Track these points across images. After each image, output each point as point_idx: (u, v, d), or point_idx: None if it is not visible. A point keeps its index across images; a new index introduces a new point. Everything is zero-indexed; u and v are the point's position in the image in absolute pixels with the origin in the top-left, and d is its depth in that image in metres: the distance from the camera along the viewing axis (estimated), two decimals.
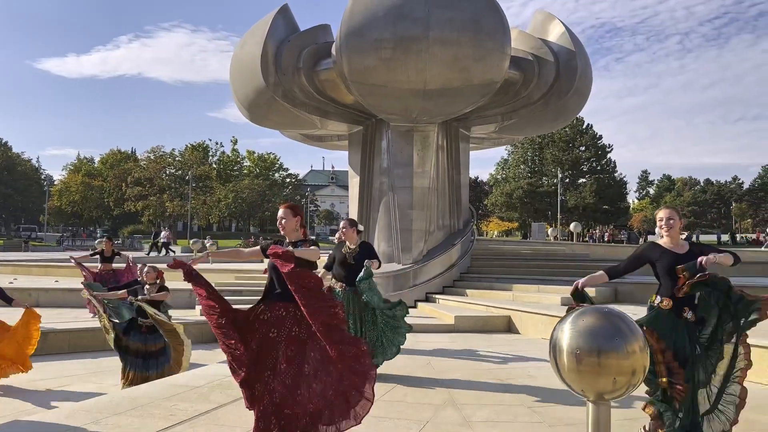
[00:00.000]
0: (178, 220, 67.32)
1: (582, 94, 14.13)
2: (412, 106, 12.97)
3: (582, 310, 3.03)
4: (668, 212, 4.58)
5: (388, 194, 14.46)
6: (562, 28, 14.00)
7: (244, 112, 14.71)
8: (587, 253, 19.02)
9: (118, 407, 5.16)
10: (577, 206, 57.90)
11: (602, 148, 60.53)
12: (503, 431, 4.70)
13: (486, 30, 11.98)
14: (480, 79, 12.23)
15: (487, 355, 8.17)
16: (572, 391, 2.89)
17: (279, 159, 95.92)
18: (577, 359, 2.80)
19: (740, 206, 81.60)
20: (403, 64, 11.92)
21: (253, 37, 13.60)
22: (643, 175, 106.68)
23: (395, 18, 11.79)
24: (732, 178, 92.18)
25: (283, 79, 13.28)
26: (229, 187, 74.10)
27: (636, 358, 2.76)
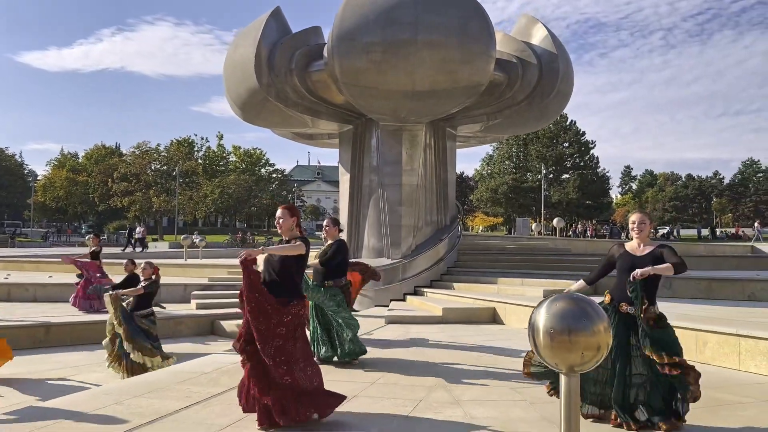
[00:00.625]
0: (164, 215, 67.24)
1: (564, 95, 14.71)
2: (401, 106, 13.46)
3: (555, 296, 3.54)
4: (640, 216, 5.09)
5: (377, 191, 14.95)
6: (544, 32, 14.56)
7: (236, 111, 15.11)
8: (569, 248, 19.68)
9: (137, 390, 5.62)
10: (561, 201, 58.83)
11: (585, 144, 61.49)
12: (489, 408, 5.22)
13: (472, 34, 12.49)
14: (466, 81, 12.75)
15: (474, 344, 8.70)
16: (547, 364, 3.41)
17: (265, 154, 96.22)
18: (551, 337, 3.32)
19: (720, 201, 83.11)
20: (393, 66, 12.40)
21: (246, 39, 13.99)
22: (626, 170, 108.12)
23: (385, 22, 12.26)
24: (713, 174, 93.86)
25: (276, 80, 13.70)
26: (215, 182, 74.23)
27: (601, 336, 3.28)
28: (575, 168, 61.84)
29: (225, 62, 14.84)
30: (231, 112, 15.40)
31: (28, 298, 15.13)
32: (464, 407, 5.23)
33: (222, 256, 27.39)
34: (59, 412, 4.82)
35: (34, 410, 5.12)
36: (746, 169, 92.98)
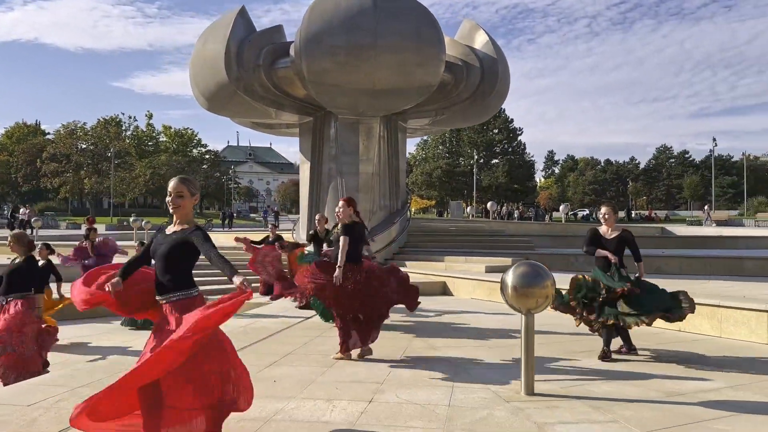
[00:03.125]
0: (97, 196, 65.77)
1: (502, 94, 16.58)
2: (360, 103, 14.93)
3: (519, 263, 5.23)
4: (606, 209, 6.80)
5: (336, 178, 16.39)
6: (485, 37, 16.34)
7: (202, 101, 16.12)
8: (503, 230, 21.85)
9: None
10: (491, 185, 61.91)
11: (513, 131, 64.75)
12: (458, 351, 6.89)
13: (426, 40, 14.08)
14: (420, 82, 14.36)
15: (434, 309, 10.40)
16: (513, 309, 5.11)
17: (197, 134, 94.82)
18: (516, 290, 5.00)
19: (636, 185, 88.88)
20: (355, 67, 13.84)
21: (216, 35, 15.03)
22: (549, 154, 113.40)
23: (348, 28, 13.66)
24: (630, 159, 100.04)
25: (244, 75, 14.85)
26: (146, 162, 72.97)
27: (549, 289, 5.00)
28: (504, 153, 65.05)
29: (193, 57, 15.80)
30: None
31: None
32: (441, 351, 6.89)
33: None
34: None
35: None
36: (660, 155, 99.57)
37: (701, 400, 4.88)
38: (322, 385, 5.33)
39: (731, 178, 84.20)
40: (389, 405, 4.74)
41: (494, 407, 4.67)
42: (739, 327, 7.56)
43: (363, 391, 5.12)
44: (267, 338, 7.68)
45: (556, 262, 14.84)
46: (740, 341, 7.44)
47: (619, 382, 5.44)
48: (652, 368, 6.03)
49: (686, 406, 4.72)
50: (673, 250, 16.97)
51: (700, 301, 8.10)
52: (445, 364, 6.21)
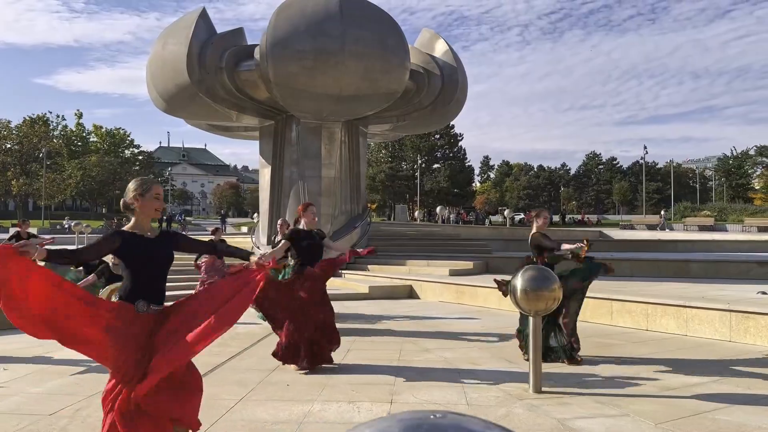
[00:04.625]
0: (26, 198, 62.50)
1: (461, 101, 17.02)
2: (325, 108, 14.99)
3: (525, 268, 5.51)
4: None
5: (297, 183, 16.36)
6: (445, 46, 16.74)
7: (160, 103, 15.77)
8: (458, 233, 22.36)
9: None
10: (433, 189, 62.85)
11: (454, 136, 65.94)
12: (453, 353, 7.11)
13: (390, 47, 14.31)
14: (385, 89, 14.57)
15: (406, 314, 10.61)
16: (522, 311, 5.38)
17: (129, 135, 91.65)
18: (526, 294, 5.28)
19: (567, 190, 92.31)
20: (322, 73, 13.90)
21: (177, 37, 14.75)
22: (485, 160, 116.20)
23: (315, 33, 13.72)
24: (561, 165, 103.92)
25: (206, 77, 14.65)
26: (75, 164, 69.88)
27: (557, 292, 5.30)
28: (445, 159, 66.20)
29: (151, 58, 15.43)
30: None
31: None
32: (435, 353, 7.10)
33: None
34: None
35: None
36: (589, 161, 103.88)
37: (694, 393, 5.28)
38: (335, 388, 5.44)
39: (656, 183, 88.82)
40: (411, 405, 4.90)
41: (511, 405, 4.92)
42: (703, 325, 8.13)
43: (379, 393, 5.26)
44: (258, 343, 7.68)
45: (514, 265, 15.32)
46: (705, 339, 8.00)
47: (614, 380, 5.81)
48: (637, 366, 6.44)
49: (683, 399, 5.11)
50: (619, 252, 17.84)
51: (668, 301, 8.71)
52: (445, 365, 6.42)
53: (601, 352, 7.17)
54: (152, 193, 3.49)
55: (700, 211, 52.34)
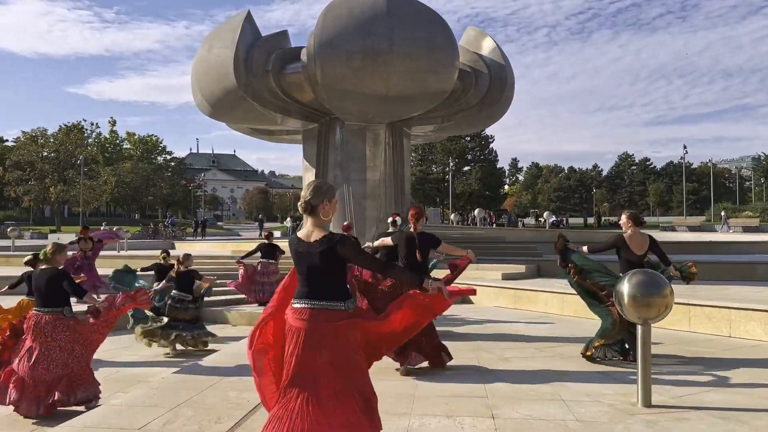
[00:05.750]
0: (62, 205, 63.61)
1: (509, 99, 16.63)
2: (371, 109, 14.74)
3: (632, 272, 5.11)
4: (624, 217, 6.83)
5: (342, 186, 16.11)
6: (493, 44, 16.36)
7: (205, 108, 15.68)
8: (503, 236, 21.91)
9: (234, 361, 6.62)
10: (464, 192, 62.31)
11: (485, 138, 65.31)
12: (534, 362, 6.74)
13: (439, 46, 14.00)
14: (433, 88, 14.26)
15: (467, 319, 10.26)
16: (630, 319, 4.99)
17: (162, 141, 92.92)
18: (635, 300, 4.88)
19: (601, 192, 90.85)
20: (370, 73, 13.65)
21: (222, 40, 14.64)
22: (513, 162, 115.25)
23: (364, 33, 13.47)
24: (593, 166, 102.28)
25: (253, 80, 14.50)
26: (109, 170, 70.91)
27: (669, 298, 4.89)
28: (476, 161, 65.58)
29: (196, 62, 15.35)
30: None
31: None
32: (515, 363, 6.72)
33: (145, 248, 27.16)
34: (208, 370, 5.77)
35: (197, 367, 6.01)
36: (621, 162, 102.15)
37: None
38: (427, 401, 5.12)
39: (692, 184, 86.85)
40: (516, 421, 4.56)
41: (624, 420, 4.54)
42: None
43: (476, 407, 4.93)
44: None
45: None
46: None
47: (723, 390, 5.38)
48: (738, 375, 5.99)
49: None
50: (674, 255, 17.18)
51: (754, 306, 8.21)
52: (531, 375, 6.06)
53: (692, 360, 6.73)
54: (336, 198, 3.43)
55: (741, 212, 50.95)
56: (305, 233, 3.32)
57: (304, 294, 3.22)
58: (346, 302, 3.25)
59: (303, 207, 3.31)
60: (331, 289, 3.24)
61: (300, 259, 3.27)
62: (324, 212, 3.31)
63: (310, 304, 3.19)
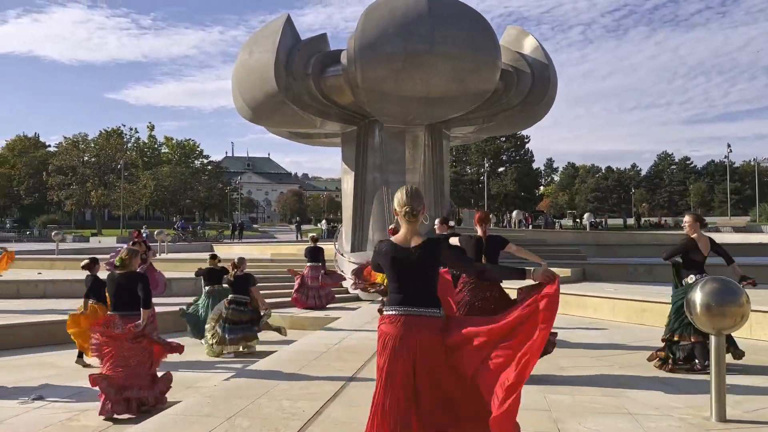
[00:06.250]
0: (103, 208, 65.18)
1: (552, 99, 16.28)
2: (412, 110, 14.59)
3: (706, 280, 4.85)
4: (689, 219, 6.55)
5: (380, 188, 16.00)
6: (535, 43, 16.05)
7: (246, 112, 15.74)
8: (544, 238, 21.50)
9: (301, 360, 6.55)
10: (499, 193, 61.64)
11: (521, 138, 64.56)
12: (593, 371, 6.50)
13: (481, 46, 13.77)
14: (475, 89, 14.04)
15: None
16: (703, 329, 4.74)
17: (199, 145, 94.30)
18: (709, 310, 4.63)
19: (640, 192, 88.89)
20: (410, 75, 13.50)
21: (263, 45, 14.67)
22: (548, 162, 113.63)
23: (405, 34, 13.33)
24: (631, 166, 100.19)
25: (293, 84, 14.50)
26: (148, 174, 72.32)
27: (745, 307, 4.62)
28: (511, 162, 64.84)
29: (237, 67, 15.42)
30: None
31: (38, 294, 15.19)
32: (570, 371, 6.49)
33: (184, 250, 27.50)
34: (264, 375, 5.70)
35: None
36: (661, 162, 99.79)
37: None
38: None
39: (734, 183, 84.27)
40: None
41: None
42: None
43: (540, 420, 4.75)
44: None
45: (615, 272, 14.49)
46: None
47: None
48: None
49: None
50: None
51: None
52: (593, 386, 5.82)
53: (757, 370, 6.41)
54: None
55: None
56: (402, 239, 3.27)
57: (400, 300, 3.14)
58: (441, 309, 3.18)
59: (408, 213, 3.25)
60: (429, 295, 3.17)
61: (397, 265, 3.19)
62: (423, 217, 3.30)
63: (408, 311, 3.10)
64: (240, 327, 8.85)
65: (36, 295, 15.10)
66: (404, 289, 3.16)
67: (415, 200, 3.29)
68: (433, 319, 3.11)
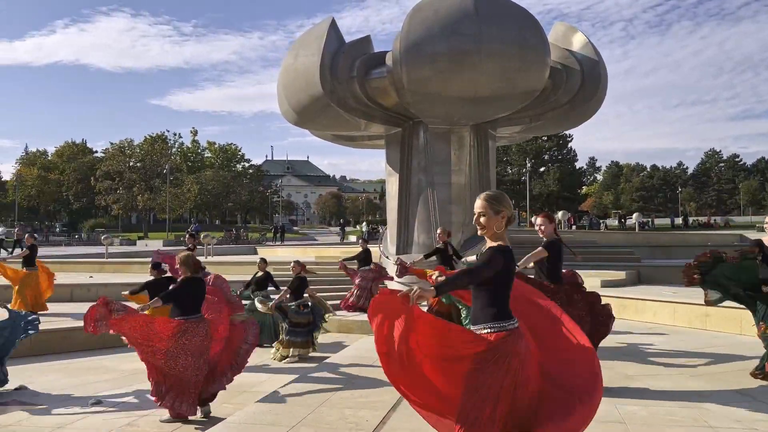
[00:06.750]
0: (149, 212, 66.83)
1: (602, 97, 15.85)
2: (457, 111, 14.39)
3: None
4: None
5: (425, 190, 15.81)
6: (584, 39, 15.66)
7: (291, 116, 15.77)
8: (594, 240, 21.01)
9: (356, 367, 6.46)
10: (542, 194, 60.72)
11: (563, 137, 63.47)
12: (662, 381, 6.20)
13: (530, 44, 13.48)
14: (523, 88, 13.75)
15: None
16: None
17: (240, 149, 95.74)
18: None
19: (687, 191, 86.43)
20: (457, 75, 13.30)
21: (308, 48, 14.66)
22: (591, 161, 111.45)
23: (450, 34, 13.14)
24: (677, 164, 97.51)
25: (338, 87, 14.45)
26: (192, 178, 73.85)
27: None
28: (553, 161, 63.82)
29: (283, 70, 15.47)
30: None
31: (91, 298, 15.52)
32: (641, 381, 6.21)
33: (230, 253, 27.81)
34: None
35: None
36: (708, 159, 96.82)
37: None
38: None
39: None
40: None
41: None
42: None
43: None
44: None
45: (670, 275, 13.96)
46: None
47: None
48: None
49: None
50: None
51: None
52: (666, 397, 5.54)
53: None
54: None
55: None
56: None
57: (511, 312, 3.12)
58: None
59: (510, 219, 3.22)
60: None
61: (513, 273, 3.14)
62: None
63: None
64: (301, 331, 8.86)
65: (89, 298, 15.42)
66: (508, 299, 3.08)
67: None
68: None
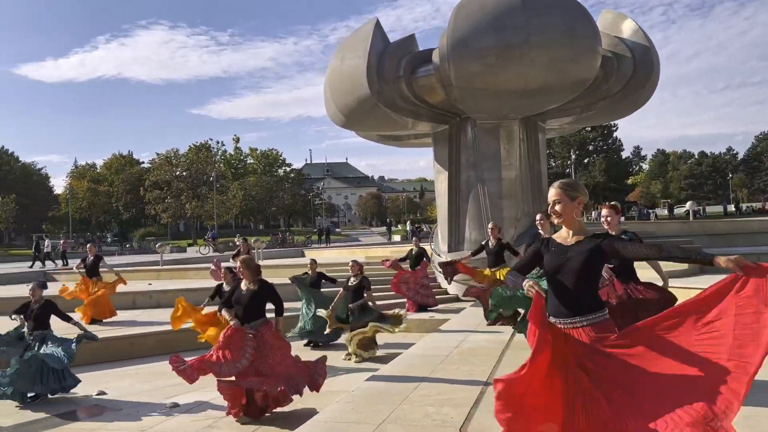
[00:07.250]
0: (197, 220, 68.42)
1: (655, 83, 15.46)
2: (506, 105, 14.26)
3: None
4: None
5: (475, 186, 15.71)
6: (634, 26, 15.31)
7: (338, 118, 15.88)
8: (653, 231, 20.58)
9: (427, 364, 6.47)
10: (588, 185, 59.53)
11: (608, 127, 62.16)
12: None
13: (579, 34, 13.25)
14: (575, 78, 13.54)
15: None
16: None
17: (281, 154, 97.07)
18: None
19: (739, 177, 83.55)
20: (505, 68, 13.18)
21: (354, 50, 14.74)
22: (635, 150, 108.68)
23: (497, 27, 13.03)
24: (726, 149, 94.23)
25: (385, 87, 14.48)
26: (235, 184, 75.21)
27: None
28: (598, 152, 62.58)
29: (330, 74, 15.59)
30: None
31: (152, 304, 15.96)
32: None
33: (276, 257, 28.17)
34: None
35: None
36: (759, 144, 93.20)
37: None
38: None
39: None
40: None
41: None
42: None
43: None
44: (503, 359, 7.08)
45: None
46: None
47: None
48: None
49: None
50: None
51: None
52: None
53: None
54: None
55: None
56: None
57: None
58: None
59: (586, 207, 3.24)
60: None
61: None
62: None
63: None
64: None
65: (150, 305, 15.89)
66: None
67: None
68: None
